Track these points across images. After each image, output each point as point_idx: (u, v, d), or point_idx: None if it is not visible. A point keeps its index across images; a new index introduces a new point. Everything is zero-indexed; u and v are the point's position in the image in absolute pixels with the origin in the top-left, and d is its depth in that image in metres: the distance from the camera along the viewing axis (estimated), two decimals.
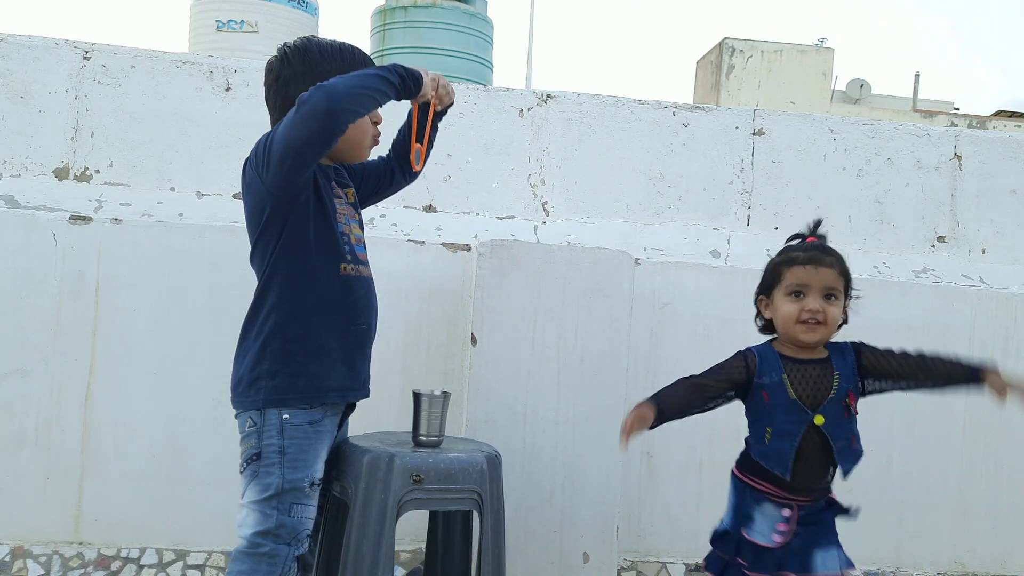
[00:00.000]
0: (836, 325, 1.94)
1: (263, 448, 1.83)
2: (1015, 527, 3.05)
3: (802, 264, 1.94)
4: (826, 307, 1.92)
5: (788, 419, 1.93)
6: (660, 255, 2.95)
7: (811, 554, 1.92)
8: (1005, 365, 3.01)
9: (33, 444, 2.68)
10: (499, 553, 2.09)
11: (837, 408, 1.93)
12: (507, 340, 2.61)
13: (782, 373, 1.94)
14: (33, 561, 2.65)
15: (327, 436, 1.91)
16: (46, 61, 2.88)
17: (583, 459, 2.62)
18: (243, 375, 1.88)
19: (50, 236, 2.70)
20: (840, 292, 1.95)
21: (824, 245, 2.00)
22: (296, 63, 1.93)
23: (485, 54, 10.86)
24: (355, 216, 2.02)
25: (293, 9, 11.42)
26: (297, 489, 1.83)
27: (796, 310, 1.92)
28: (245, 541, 1.81)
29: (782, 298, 1.95)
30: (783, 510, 1.94)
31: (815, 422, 1.91)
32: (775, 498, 1.95)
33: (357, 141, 1.97)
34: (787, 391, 1.92)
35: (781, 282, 1.96)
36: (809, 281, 1.93)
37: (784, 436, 1.92)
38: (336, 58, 1.93)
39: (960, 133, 3.27)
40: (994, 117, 22.74)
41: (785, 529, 1.93)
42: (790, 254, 1.98)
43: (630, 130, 3.11)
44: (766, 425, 1.95)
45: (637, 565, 2.86)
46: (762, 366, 1.95)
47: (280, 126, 1.81)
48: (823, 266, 1.93)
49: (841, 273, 1.95)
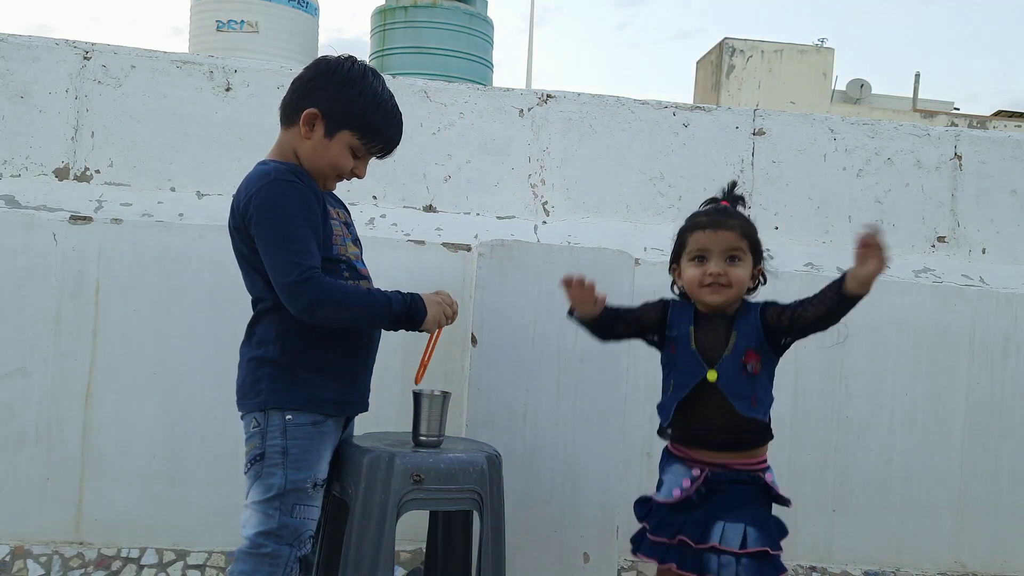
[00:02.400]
0: (743, 286, 1.95)
1: (267, 449, 1.85)
2: (1015, 527, 3.05)
3: (702, 228, 1.96)
4: (728, 269, 1.93)
5: (686, 371, 1.95)
6: (660, 255, 2.95)
7: (712, 524, 1.88)
8: (1005, 365, 3.05)
9: (33, 444, 2.68)
10: (499, 553, 2.09)
11: (734, 365, 1.92)
12: (507, 340, 2.61)
13: (690, 325, 1.97)
14: (33, 561, 2.65)
15: (330, 437, 1.92)
16: (46, 61, 2.88)
17: (583, 459, 2.62)
18: (246, 378, 1.90)
19: (50, 236, 2.70)
20: (744, 253, 1.95)
21: (727, 208, 2.00)
22: (331, 87, 1.91)
23: (485, 54, 10.86)
24: (348, 234, 2.02)
25: (293, 9, 11.42)
26: (300, 490, 1.84)
27: (699, 274, 1.95)
28: (248, 541, 1.82)
29: (687, 263, 1.98)
30: (692, 470, 1.94)
31: (708, 378, 1.92)
32: (684, 460, 1.96)
33: (321, 172, 1.95)
34: (690, 343, 1.95)
35: (685, 248, 1.99)
36: (709, 245, 1.95)
37: (678, 388, 1.95)
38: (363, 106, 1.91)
39: (960, 133, 3.27)
40: (994, 117, 22.74)
41: (688, 486, 1.92)
42: (693, 219, 2.00)
43: (630, 130, 3.11)
44: (671, 377, 1.98)
45: (637, 565, 2.86)
46: (674, 317, 2.00)
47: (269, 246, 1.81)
48: (723, 229, 1.94)
49: (744, 235, 1.95)
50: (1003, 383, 3.05)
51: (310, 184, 1.90)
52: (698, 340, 1.95)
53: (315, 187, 1.92)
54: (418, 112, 3.01)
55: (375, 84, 1.94)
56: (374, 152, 1.98)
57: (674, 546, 1.89)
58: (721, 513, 1.89)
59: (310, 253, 1.82)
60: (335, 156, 1.92)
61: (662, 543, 1.91)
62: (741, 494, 1.92)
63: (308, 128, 1.91)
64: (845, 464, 2.94)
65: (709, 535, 1.86)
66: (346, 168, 1.95)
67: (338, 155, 1.93)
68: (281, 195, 1.83)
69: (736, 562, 1.84)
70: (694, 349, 1.94)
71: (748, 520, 1.88)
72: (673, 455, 2.01)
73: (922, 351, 3.01)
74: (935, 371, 3.01)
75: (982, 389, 3.04)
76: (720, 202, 2.03)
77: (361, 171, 1.99)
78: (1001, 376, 3.05)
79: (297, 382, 1.86)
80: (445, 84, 3.11)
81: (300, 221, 1.83)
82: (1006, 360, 3.05)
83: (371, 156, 1.99)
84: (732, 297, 1.95)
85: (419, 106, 3.02)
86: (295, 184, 1.85)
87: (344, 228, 2.00)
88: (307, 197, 1.86)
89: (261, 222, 1.83)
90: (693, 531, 1.88)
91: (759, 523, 1.89)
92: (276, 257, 1.81)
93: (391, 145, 1.99)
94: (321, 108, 1.90)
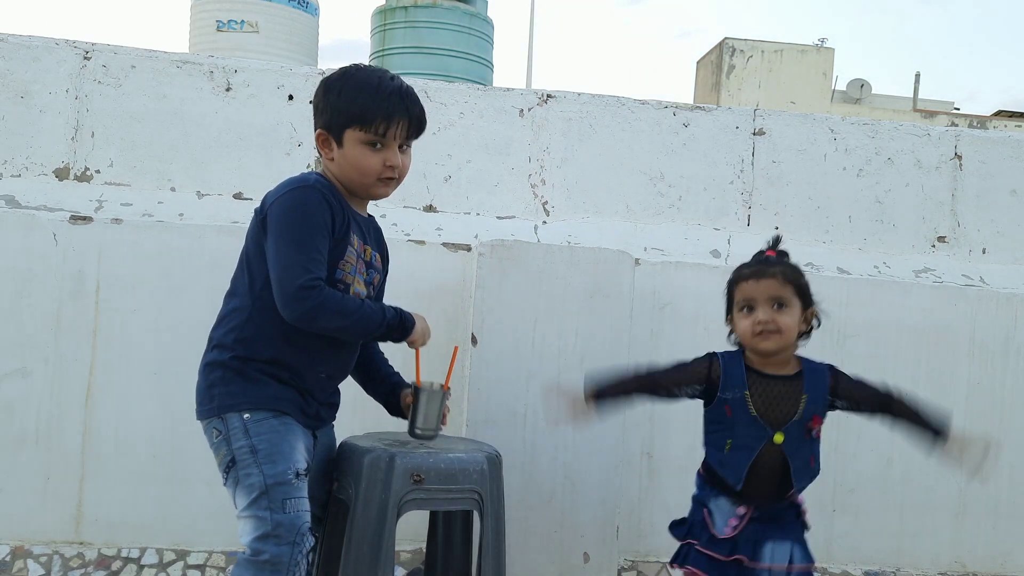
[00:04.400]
0: (792, 331, 2.00)
1: (235, 453, 1.82)
2: (1015, 527, 3.05)
3: (746, 279, 2.03)
4: (776, 316, 1.99)
5: (748, 433, 2.00)
6: (660, 255, 2.95)
7: (763, 544, 1.99)
8: (1005, 365, 3.05)
9: (33, 444, 2.68)
10: (499, 553, 2.09)
11: (800, 429, 2.01)
12: (507, 340, 2.61)
13: (744, 389, 2.01)
14: (33, 561, 2.65)
15: (297, 429, 1.87)
16: (46, 61, 2.88)
17: (583, 459, 2.62)
18: (200, 384, 1.90)
19: (50, 236, 2.70)
20: (790, 299, 2.01)
21: (769, 258, 2.07)
22: (323, 102, 1.94)
23: (485, 54, 10.86)
24: (364, 272, 1.97)
25: (293, 9, 11.42)
26: (283, 483, 1.80)
27: (749, 324, 2.00)
28: (248, 549, 1.78)
29: (737, 315, 2.05)
30: (738, 507, 2.02)
31: (775, 440, 1.99)
32: (731, 496, 2.04)
33: (358, 183, 1.94)
34: (748, 408, 2.00)
35: (734, 299, 2.06)
36: (754, 294, 2.01)
37: (742, 449, 2.01)
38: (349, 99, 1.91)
39: (960, 133, 3.27)
40: (994, 117, 22.74)
41: (736, 524, 2.01)
42: (737, 272, 2.08)
43: (630, 130, 3.11)
44: (727, 437, 2.03)
45: (637, 565, 2.86)
46: (726, 380, 2.03)
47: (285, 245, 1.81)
48: (765, 277, 2.01)
49: (787, 281, 2.01)
50: (1003, 383, 3.05)
51: (341, 205, 1.90)
52: (755, 403, 2.01)
53: (345, 209, 1.91)
54: None
55: (358, 75, 1.94)
56: (385, 134, 1.91)
57: (729, 563, 2.00)
58: (769, 534, 2.01)
59: (321, 264, 1.81)
60: (355, 158, 1.91)
61: (716, 560, 2.01)
62: (782, 518, 2.04)
63: (326, 149, 1.93)
64: (845, 464, 2.93)
65: (761, 555, 1.99)
66: (372, 165, 1.91)
67: (357, 157, 1.91)
68: (311, 202, 1.83)
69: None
70: (754, 414, 2.00)
71: (792, 539, 2.02)
72: (714, 486, 2.07)
73: (922, 351, 3.01)
74: (935, 371, 3.01)
75: (982, 389, 3.04)
76: (765, 252, 2.10)
77: (392, 159, 1.93)
78: (1001, 376, 3.05)
79: (250, 382, 1.84)
80: (445, 84, 3.11)
81: (322, 232, 1.83)
82: (1006, 360, 3.04)
83: (394, 142, 1.93)
84: (783, 343, 2.00)
85: None
86: (327, 199, 1.86)
87: (362, 264, 1.96)
88: (334, 213, 1.86)
89: (283, 221, 1.82)
90: (747, 550, 2.00)
91: (800, 542, 2.03)
92: (289, 258, 1.79)
93: (392, 119, 1.90)
94: (323, 125, 1.92)
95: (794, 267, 2.06)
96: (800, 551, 2.01)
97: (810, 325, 2.07)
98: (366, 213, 2.05)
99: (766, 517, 2.02)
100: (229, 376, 1.85)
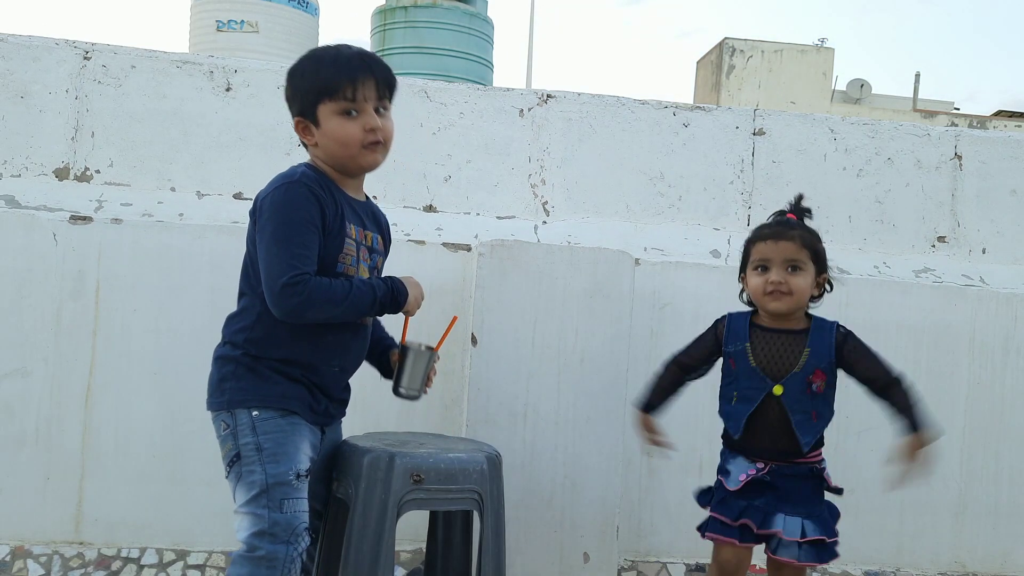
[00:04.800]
0: (804, 294, 2.06)
1: (240, 448, 1.83)
2: (1015, 527, 3.05)
3: (764, 240, 2.08)
4: (789, 278, 2.04)
5: (750, 385, 2.06)
6: (660, 255, 2.95)
7: (774, 514, 2.03)
8: (1005, 365, 3.05)
9: (33, 444, 2.68)
10: (499, 553, 2.09)
11: (800, 383, 2.03)
12: (507, 340, 2.61)
13: (745, 342, 2.08)
14: (33, 561, 2.65)
15: (304, 429, 1.88)
16: (46, 61, 2.88)
17: (583, 459, 2.62)
18: (212, 376, 1.90)
19: (50, 236, 2.70)
20: (805, 263, 2.06)
21: (790, 220, 2.11)
22: (290, 91, 1.94)
23: (485, 54, 10.86)
24: (367, 259, 1.96)
25: (293, 9, 11.43)
26: (284, 483, 1.81)
27: (761, 283, 2.06)
28: (244, 545, 1.80)
29: (751, 273, 2.10)
30: (756, 463, 2.07)
31: (774, 392, 2.03)
32: (748, 455, 2.08)
33: (344, 157, 1.91)
34: (748, 359, 2.06)
35: (750, 258, 2.11)
36: (771, 255, 2.06)
37: (744, 400, 2.07)
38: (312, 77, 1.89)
39: (960, 133, 3.27)
40: (994, 117, 22.75)
41: (753, 474, 2.05)
42: (757, 231, 2.13)
43: (630, 130, 3.11)
44: (733, 389, 2.09)
45: (637, 565, 2.86)
46: (729, 335, 2.12)
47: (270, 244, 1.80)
48: (784, 239, 2.05)
49: (804, 245, 2.06)
50: (1003, 383, 3.05)
51: (333, 195, 1.88)
52: (756, 355, 2.07)
53: (337, 198, 1.89)
54: (418, 112, 3.01)
55: (315, 53, 1.93)
56: (355, 98, 1.87)
57: (735, 527, 2.04)
58: (781, 506, 2.04)
59: (307, 259, 1.80)
60: (334, 131, 1.88)
61: (725, 523, 2.05)
62: (800, 489, 2.07)
63: (308, 136, 1.92)
64: (845, 464, 2.93)
65: (771, 523, 2.02)
66: (352, 132, 1.88)
67: (335, 129, 1.88)
68: (295, 197, 1.82)
69: (797, 546, 2.02)
70: (754, 365, 2.06)
71: (804, 515, 2.04)
72: (734, 448, 2.12)
73: (922, 351, 3.01)
74: (935, 371, 3.00)
75: (982, 389, 3.04)
76: (786, 214, 2.14)
77: (370, 122, 1.88)
78: (1001, 376, 3.05)
79: (261, 379, 1.84)
80: (445, 84, 3.11)
81: (307, 226, 1.81)
82: (1006, 360, 3.04)
83: (367, 104, 1.88)
84: (793, 305, 2.06)
85: (419, 106, 3.02)
86: (314, 191, 1.84)
87: (364, 251, 1.94)
88: (323, 205, 1.84)
89: (268, 220, 1.82)
90: (755, 516, 2.03)
91: (815, 517, 2.05)
92: (273, 256, 1.79)
93: (357, 80, 1.86)
94: (297, 112, 1.92)
95: (812, 231, 2.10)
96: (813, 525, 2.02)
97: (822, 290, 2.11)
98: (363, 196, 2.03)
99: (783, 487, 2.04)
100: (241, 371, 1.86)
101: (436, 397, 2.79)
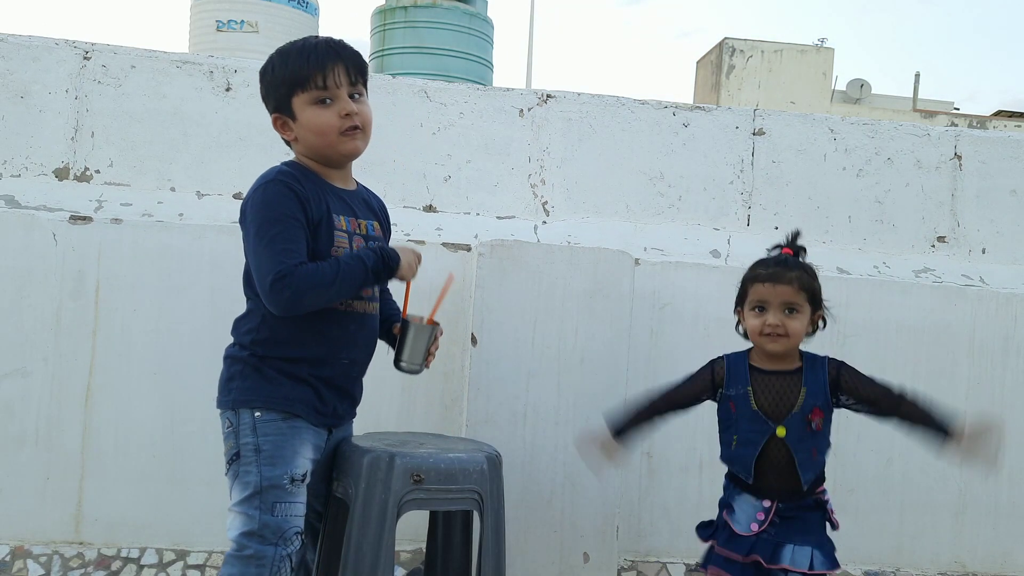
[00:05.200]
0: (799, 336, 2.05)
1: (240, 447, 1.84)
2: (1015, 527, 3.04)
3: (762, 281, 2.06)
4: (786, 321, 2.03)
5: (752, 428, 2.04)
6: (660, 255, 2.95)
7: (783, 547, 2.01)
8: (1005, 365, 3.05)
9: (33, 444, 2.68)
10: (499, 553, 2.09)
11: (801, 422, 2.03)
12: (507, 340, 2.61)
13: (747, 385, 2.06)
14: (33, 561, 2.65)
15: (306, 433, 1.88)
16: (46, 61, 2.88)
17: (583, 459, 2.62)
18: (222, 375, 1.91)
19: (50, 236, 2.70)
20: (802, 305, 2.05)
21: (788, 260, 2.09)
22: (262, 90, 1.95)
23: (485, 54, 10.86)
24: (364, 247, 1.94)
25: (293, 9, 11.43)
26: (277, 487, 1.81)
27: (759, 324, 2.05)
28: (233, 544, 1.82)
29: (747, 312, 2.09)
30: (763, 502, 2.04)
31: (777, 434, 2.02)
32: (754, 493, 2.06)
33: (324, 146, 1.90)
34: (751, 403, 2.05)
35: (747, 297, 2.09)
36: (768, 297, 2.04)
37: (747, 444, 2.04)
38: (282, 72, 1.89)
39: (960, 133, 3.27)
40: (994, 117, 22.75)
41: (763, 519, 2.03)
42: (754, 271, 2.10)
43: (630, 130, 3.11)
44: (733, 433, 2.07)
45: (637, 565, 2.86)
46: (729, 378, 2.09)
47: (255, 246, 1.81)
48: (781, 283, 2.04)
49: (802, 287, 2.05)
50: (1003, 383, 3.05)
51: (316, 188, 1.88)
52: (758, 399, 2.05)
53: (322, 190, 1.89)
54: (418, 112, 3.01)
55: (283, 49, 1.93)
56: (326, 85, 1.87)
57: (748, 565, 2.02)
58: (790, 537, 2.02)
59: (292, 252, 1.79)
60: (310, 122, 1.88)
61: (735, 561, 2.03)
62: (807, 520, 2.05)
63: (287, 131, 1.93)
64: (845, 464, 2.93)
65: (780, 557, 2.00)
66: (328, 120, 1.88)
67: (311, 119, 1.88)
68: (272, 196, 1.83)
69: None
70: (755, 409, 2.04)
71: (814, 544, 2.03)
72: (739, 485, 2.09)
73: (922, 351, 3.01)
74: (935, 371, 3.00)
75: (982, 389, 3.03)
76: (783, 248, 2.12)
77: (346, 108, 1.88)
78: (1001, 376, 3.05)
79: (266, 380, 1.85)
80: (445, 84, 3.11)
81: (289, 221, 1.81)
82: (1006, 360, 3.04)
83: (339, 90, 1.88)
84: (789, 346, 2.05)
85: (419, 106, 3.02)
86: (292, 187, 1.84)
87: (359, 240, 1.94)
88: (303, 199, 1.84)
89: (252, 221, 1.83)
90: (764, 550, 2.01)
91: (822, 547, 2.04)
92: (258, 257, 1.80)
93: (326, 67, 1.86)
94: (273, 109, 1.93)
95: (810, 271, 2.08)
96: (822, 556, 2.02)
97: (816, 326, 2.11)
98: (352, 185, 2.02)
99: (791, 518, 2.03)
100: (247, 372, 1.87)
101: (436, 397, 2.79)
